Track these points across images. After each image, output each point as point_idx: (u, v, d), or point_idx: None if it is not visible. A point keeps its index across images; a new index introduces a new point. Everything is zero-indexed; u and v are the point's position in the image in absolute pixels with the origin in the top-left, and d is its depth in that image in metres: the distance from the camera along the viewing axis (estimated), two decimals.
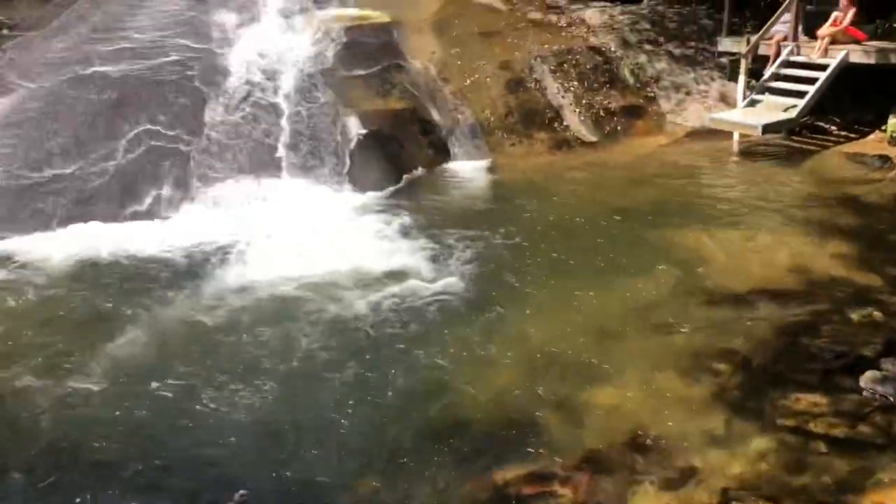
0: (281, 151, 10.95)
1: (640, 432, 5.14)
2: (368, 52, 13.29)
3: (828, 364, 5.89)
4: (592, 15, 15.28)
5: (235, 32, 13.71)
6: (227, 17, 14.37)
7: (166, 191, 10.22)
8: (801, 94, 11.66)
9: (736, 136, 12.05)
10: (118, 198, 10.04)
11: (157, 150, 10.70)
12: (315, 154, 11.04)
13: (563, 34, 14.40)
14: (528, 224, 9.32)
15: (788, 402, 5.39)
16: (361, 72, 12.77)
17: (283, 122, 11.41)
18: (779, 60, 12.31)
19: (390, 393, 5.82)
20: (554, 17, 15.20)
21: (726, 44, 13.35)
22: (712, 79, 13.68)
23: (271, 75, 12.20)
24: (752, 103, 12.15)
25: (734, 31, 13.47)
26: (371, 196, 10.56)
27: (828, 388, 5.57)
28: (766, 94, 12.20)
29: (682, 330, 6.57)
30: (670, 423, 5.23)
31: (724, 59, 13.49)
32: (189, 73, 12.23)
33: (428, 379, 6.00)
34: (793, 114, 11.49)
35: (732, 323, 6.65)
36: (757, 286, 7.34)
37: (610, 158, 11.83)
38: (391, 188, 10.88)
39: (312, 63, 12.68)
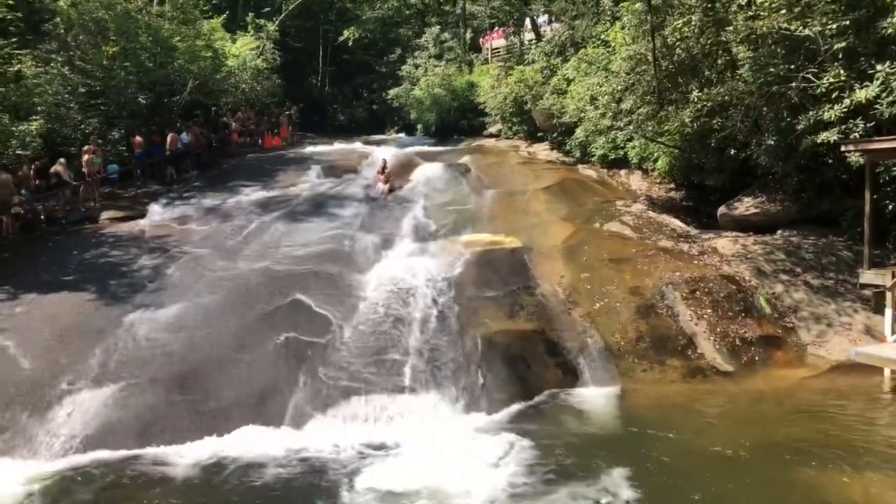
0: (408, 369, 11.17)
1: None
2: (499, 274, 13.79)
3: None
4: (725, 244, 15.32)
5: (376, 254, 14.70)
6: (370, 239, 15.51)
7: (299, 404, 10.52)
8: None
9: (887, 373, 11.27)
10: (254, 407, 10.43)
11: (293, 365, 11.20)
12: (442, 373, 11.18)
13: (695, 262, 14.41)
14: (660, 460, 8.79)
15: None
16: (491, 293, 13.15)
17: (413, 340, 11.74)
18: None
19: None
20: (685, 246, 15.35)
21: (868, 276, 12.85)
22: (855, 311, 13.09)
23: (404, 296, 12.78)
24: None
25: (876, 264, 13.04)
26: (497, 418, 10.42)
27: None
28: None
29: None
30: None
31: (867, 292, 12.96)
32: (327, 291, 13.03)
33: None
34: None
35: None
36: None
37: (748, 390, 11.23)
38: (517, 409, 10.71)
39: (444, 284, 13.23)
